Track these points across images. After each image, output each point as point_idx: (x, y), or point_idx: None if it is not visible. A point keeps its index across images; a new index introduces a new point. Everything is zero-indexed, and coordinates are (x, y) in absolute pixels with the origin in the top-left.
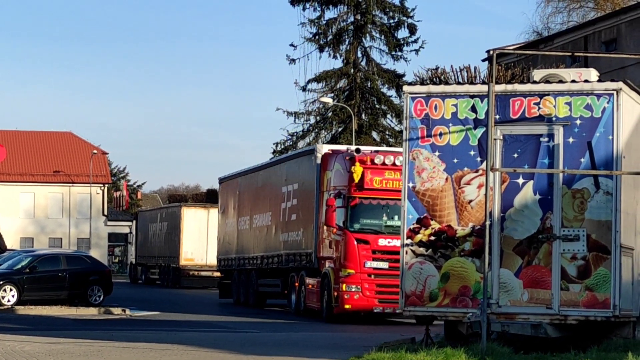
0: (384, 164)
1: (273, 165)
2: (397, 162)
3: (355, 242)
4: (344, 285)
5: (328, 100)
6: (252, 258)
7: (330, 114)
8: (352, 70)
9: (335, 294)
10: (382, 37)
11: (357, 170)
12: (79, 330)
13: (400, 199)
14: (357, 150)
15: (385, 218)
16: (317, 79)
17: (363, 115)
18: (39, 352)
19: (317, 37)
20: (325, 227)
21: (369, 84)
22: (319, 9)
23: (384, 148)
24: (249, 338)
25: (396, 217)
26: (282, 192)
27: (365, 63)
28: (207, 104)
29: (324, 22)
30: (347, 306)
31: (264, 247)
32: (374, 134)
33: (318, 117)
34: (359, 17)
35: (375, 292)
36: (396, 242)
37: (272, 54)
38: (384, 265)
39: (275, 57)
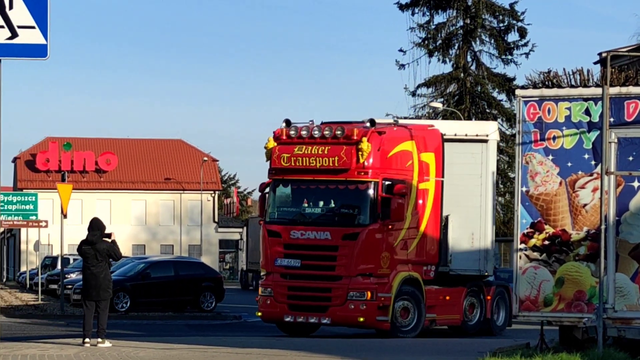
0: (300, 137)
1: None
2: (316, 133)
3: (268, 236)
4: (260, 289)
5: (438, 105)
6: None
7: (440, 119)
8: (462, 74)
9: (257, 299)
10: (492, 41)
11: (268, 146)
12: (192, 336)
13: (316, 180)
14: (372, 122)
15: (305, 205)
16: (427, 83)
17: (473, 120)
18: (153, 358)
19: (426, 41)
20: None
21: (479, 88)
22: (428, 13)
23: (338, 120)
24: (360, 344)
25: (314, 204)
26: None
27: (475, 67)
28: (315, 110)
29: (433, 26)
30: (258, 314)
31: None
32: None
33: None
34: (468, 21)
35: (287, 297)
36: (310, 234)
37: (381, 59)
38: (296, 263)
39: (384, 63)
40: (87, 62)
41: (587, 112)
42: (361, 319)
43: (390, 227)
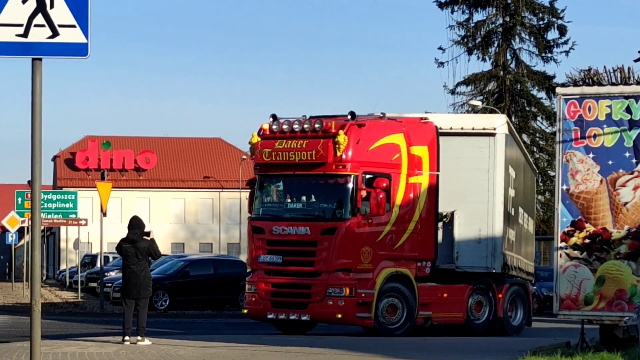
0: (282, 131)
1: None
2: (296, 127)
3: (252, 232)
4: (246, 286)
5: (477, 103)
6: None
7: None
8: (502, 72)
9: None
10: (532, 39)
11: (252, 141)
12: (231, 334)
13: (296, 175)
14: (352, 115)
15: (287, 200)
16: (466, 81)
17: (513, 118)
18: (193, 356)
19: (465, 39)
20: None
21: (519, 86)
22: (467, 11)
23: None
24: (400, 341)
25: (295, 199)
26: None
27: (514, 65)
28: (355, 108)
29: (473, 24)
30: (244, 311)
31: None
32: (524, 137)
33: None
34: (507, 18)
35: (270, 294)
36: (291, 230)
37: (420, 57)
38: (278, 259)
39: (424, 61)
40: (126, 61)
41: (628, 109)
42: (339, 316)
43: (370, 221)
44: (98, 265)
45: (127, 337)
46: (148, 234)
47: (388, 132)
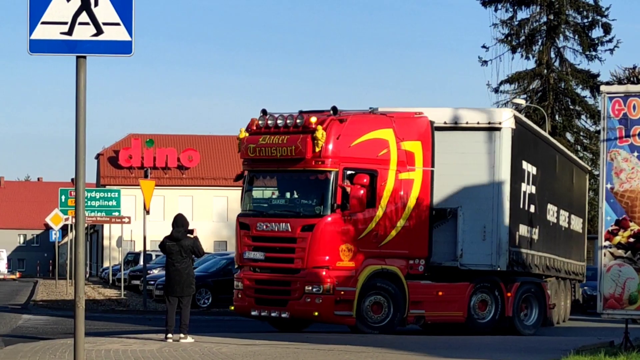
0: (267, 127)
1: None
2: (279, 123)
3: (239, 228)
4: (234, 282)
5: (521, 101)
6: None
7: (523, 115)
8: (545, 70)
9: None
10: (576, 37)
11: (239, 136)
12: (274, 332)
13: (278, 171)
14: (334, 110)
15: (271, 196)
16: (510, 80)
17: (557, 117)
18: (236, 354)
19: (509, 38)
20: None
21: (563, 84)
22: (511, 9)
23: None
24: (442, 341)
25: (278, 195)
26: None
27: (558, 63)
28: (398, 106)
29: (516, 22)
30: (232, 307)
31: None
32: (568, 135)
33: None
34: (551, 17)
35: (254, 291)
36: (273, 226)
37: (464, 56)
38: (261, 256)
39: (467, 60)
40: (168, 59)
41: None
42: (315, 313)
43: (350, 218)
44: (141, 262)
45: (169, 335)
46: (192, 231)
47: (375, 127)
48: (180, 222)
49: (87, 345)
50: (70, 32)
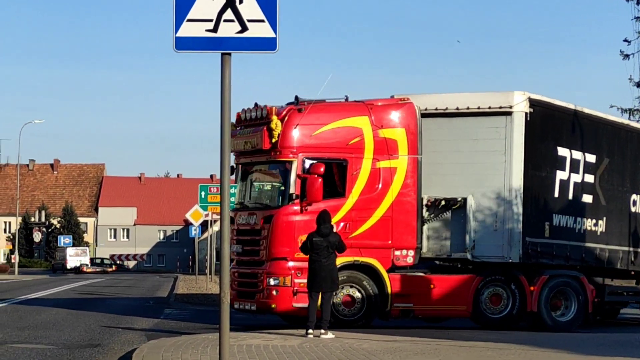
0: (245, 120)
1: None
2: (249, 116)
3: (231, 222)
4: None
5: None
6: None
7: None
8: None
9: None
10: None
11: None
12: (414, 329)
13: (246, 163)
14: (295, 100)
15: (247, 189)
16: None
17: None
18: (377, 350)
19: None
20: None
21: None
22: None
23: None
24: (586, 338)
25: (251, 187)
26: None
27: None
28: None
29: None
30: None
31: None
32: None
33: None
34: None
35: (237, 284)
36: (248, 219)
37: (604, 50)
38: (239, 249)
39: (607, 54)
40: (308, 54)
41: None
42: (273, 306)
43: (308, 208)
44: None
45: (310, 330)
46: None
47: (344, 115)
48: (328, 218)
49: (230, 340)
50: (215, 29)
